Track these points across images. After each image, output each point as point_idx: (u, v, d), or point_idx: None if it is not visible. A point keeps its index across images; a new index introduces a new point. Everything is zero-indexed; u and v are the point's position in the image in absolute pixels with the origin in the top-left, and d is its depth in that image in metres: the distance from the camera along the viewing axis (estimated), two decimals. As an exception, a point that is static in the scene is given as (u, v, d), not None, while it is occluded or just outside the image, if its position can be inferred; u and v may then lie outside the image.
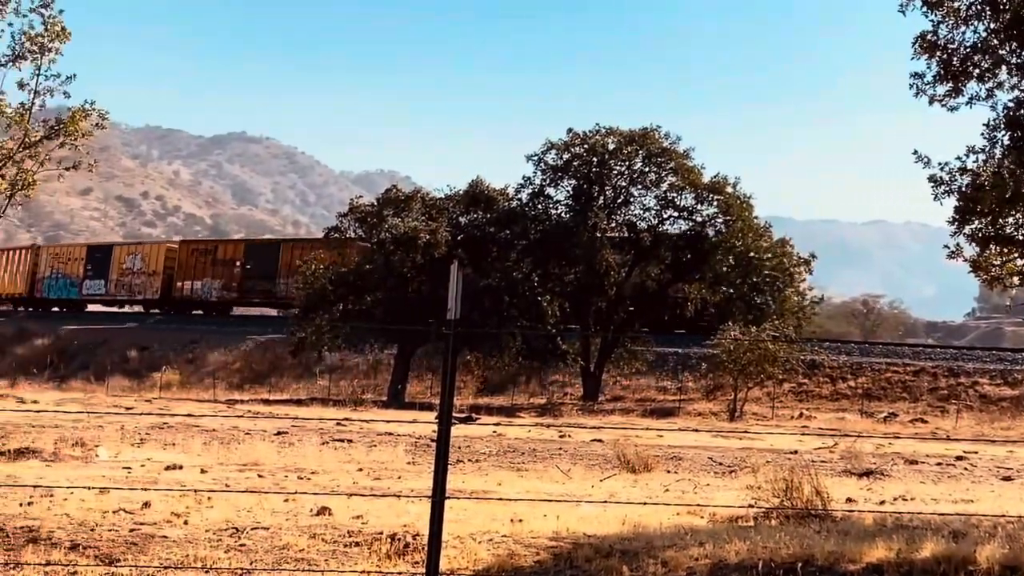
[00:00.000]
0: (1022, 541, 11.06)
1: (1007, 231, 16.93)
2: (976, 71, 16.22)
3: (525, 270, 50.58)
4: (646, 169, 53.17)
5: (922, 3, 16.38)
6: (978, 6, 16.07)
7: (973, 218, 16.83)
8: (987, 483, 21.08)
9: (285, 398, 51.17)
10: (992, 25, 16.09)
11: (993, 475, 22.91)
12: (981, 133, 16.53)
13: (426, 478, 13.17)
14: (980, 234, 17.01)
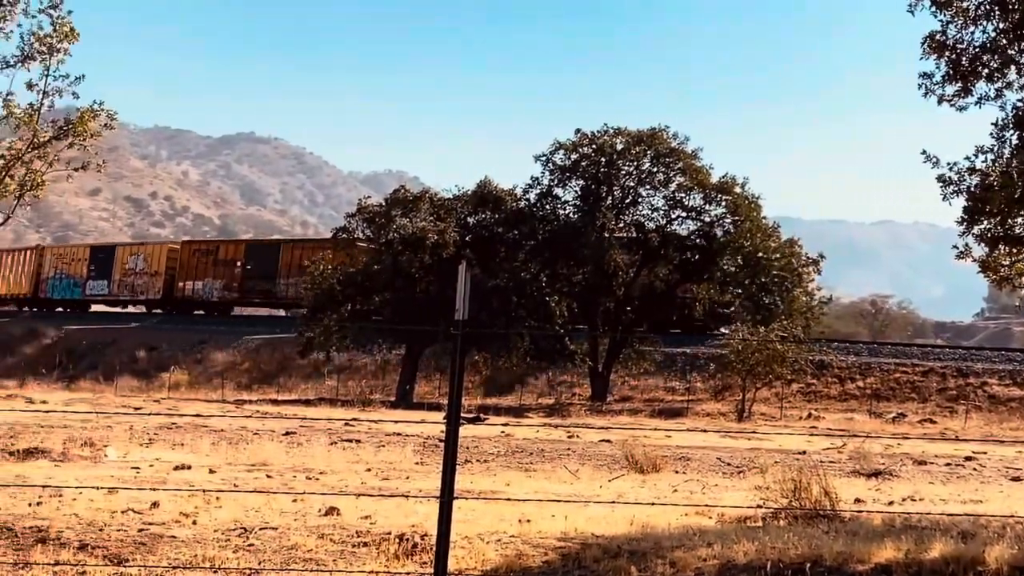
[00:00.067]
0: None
1: (1016, 231, 16.92)
2: (985, 71, 16.21)
3: (533, 270, 50.59)
4: (654, 169, 53.16)
5: (931, 3, 16.38)
6: (987, 6, 16.06)
7: (982, 218, 16.81)
8: (996, 484, 21.03)
9: (293, 398, 51.21)
10: (1001, 25, 16.08)
11: (1002, 476, 22.86)
12: (990, 133, 16.53)
13: (434, 478, 13.18)
14: (989, 234, 16.99)
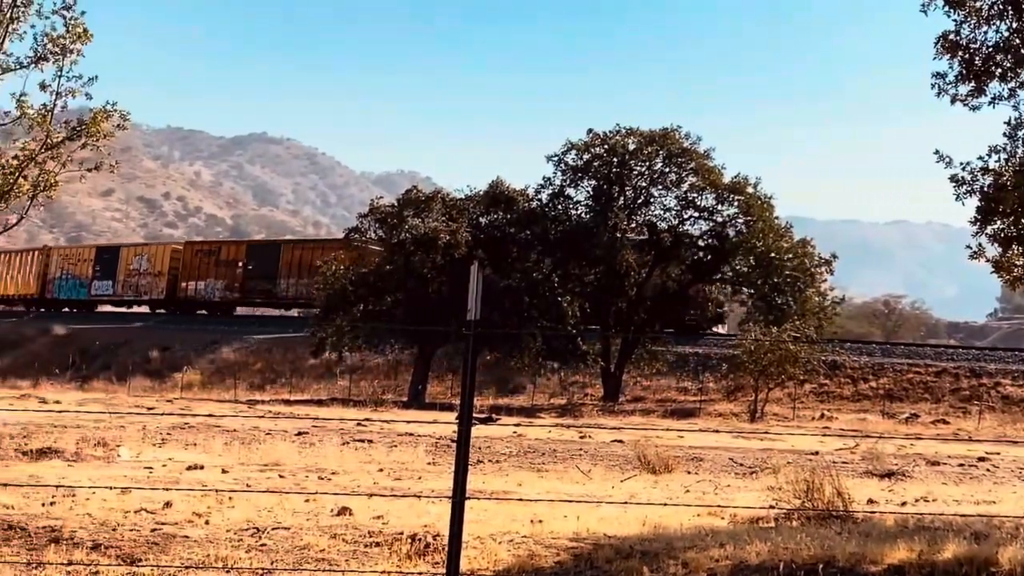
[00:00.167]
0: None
1: (1029, 231, 16.87)
2: (998, 71, 16.17)
3: (545, 271, 50.55)
4: (666, 169, 53.14)
5: (944, 3, 16.35)
6: (1000, 6, 16.02)
7: (995, 218, 16.77)
8: (1009, 484, 20.99)
9: (306, 398, 51.24)
10: (1014, 24, 16.04)
11: (1015, 476, 22.82)
12: (1003, 132, 16.49)
13: (446, 478, 13.20)
14: (1002, 234, 16.95)
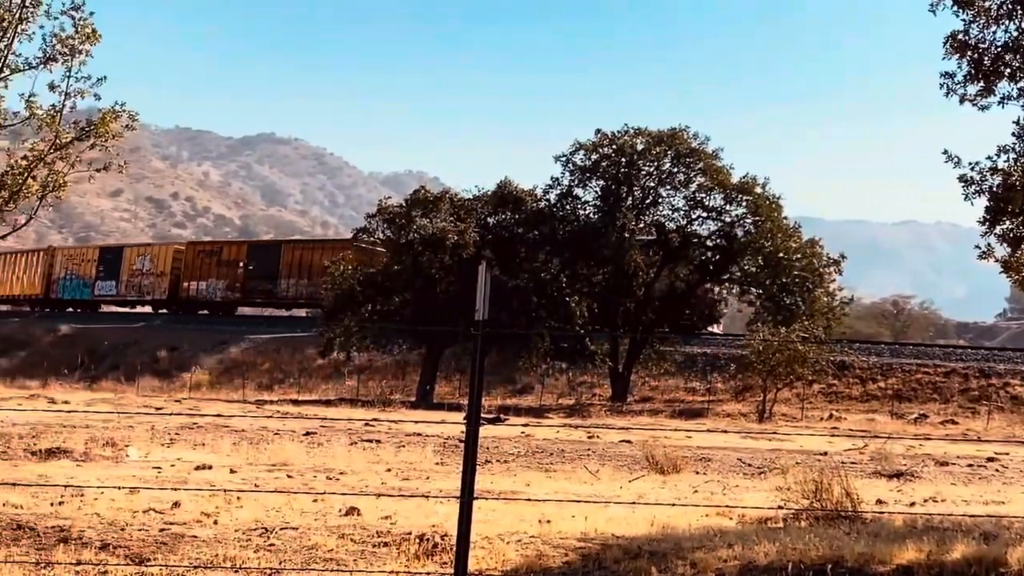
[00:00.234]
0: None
1: (1039, 231, 16.82)
2: (1007, 70, 16.12)
3: (553, 271, 50.59)
4: (675, 169, 53.14)
5: (953, 3, 16.30)
6: (1009, 5, 15.97)
7: (1004, 218, 16.73)
8: (1018, 484, 20.92)
9: (314, 398, 51.27)
10: (1023, 24, 15.98)
11: (1025, 477, 22.76)
12: (1012, 132, 16.43)
13: (454, 478, 13.19)
14: (1011, 234, 16.90)
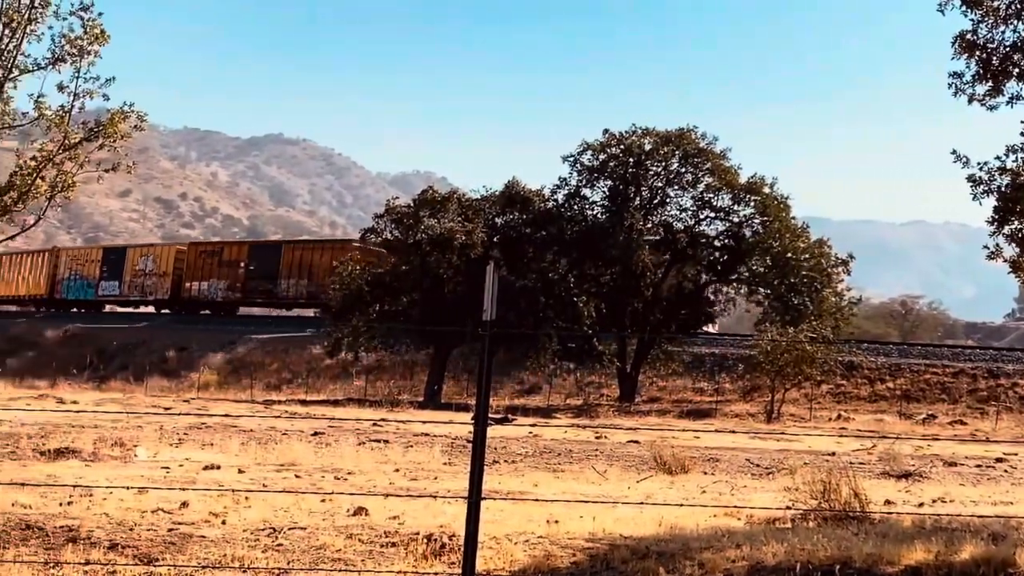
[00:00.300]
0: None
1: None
2: (1016, 70, 16.09)
3: (561, 271, 50.56)
4: (683, 170, 53.13)
5: (961, 2, 16.26)
6: (1018, 5, 15.94)
7: (1013, 218, 16.69)
8: (1027, 485, 20.88)
9: (322, 398, 51.30)
10: (1032, 24, 15.95)
11: (1033, 477, 22.70)
12: (1021, 132, 16.40)
13: (462, 479, 13.20)
14: (1020, 234, 16.86)
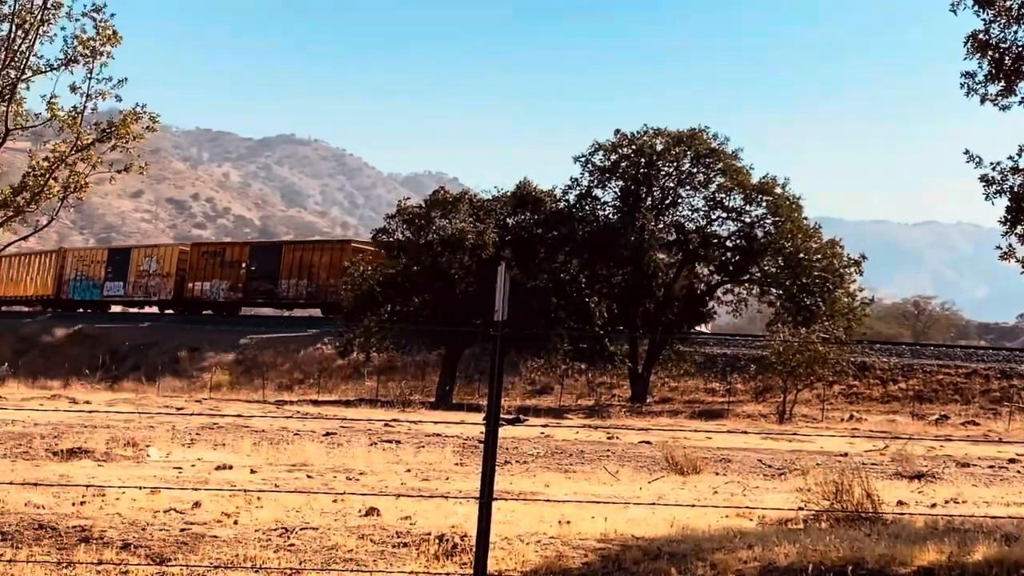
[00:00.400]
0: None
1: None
2: (1029, 70, 16.05)
3: (573, 271, 50.53)
4: (694, 170, 53.07)
5: (974, 2, 16.23)
6: (1031, 4, 15.90)
7: (1025, 218, 16.65)
8: (1041, 486, 20.82)
9: (334, 399, 51.34)
10: (1045, 24, 15.91)
11: (1047, 478, 22.63)
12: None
13: (474, 479, 13.20)
14: (1033, 234, 16.82)
